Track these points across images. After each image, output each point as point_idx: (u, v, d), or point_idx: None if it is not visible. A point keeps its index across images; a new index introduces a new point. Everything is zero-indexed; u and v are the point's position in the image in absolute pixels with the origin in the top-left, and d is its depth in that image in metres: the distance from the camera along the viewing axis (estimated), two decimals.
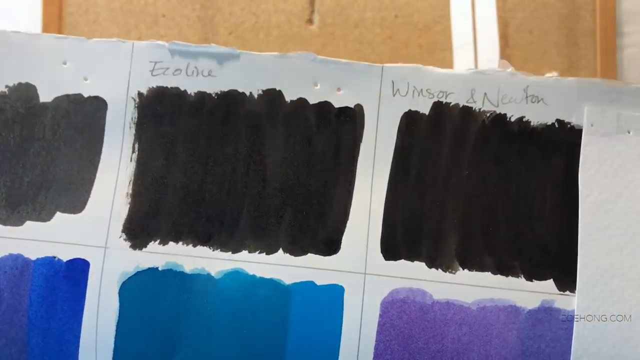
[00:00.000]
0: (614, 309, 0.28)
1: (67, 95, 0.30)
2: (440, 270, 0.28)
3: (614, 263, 0.28)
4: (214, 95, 0.30)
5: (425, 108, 0.29)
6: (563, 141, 0.29)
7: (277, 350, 0.28)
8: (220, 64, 0.29)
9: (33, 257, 0.29)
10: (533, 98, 0.29)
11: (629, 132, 0.29)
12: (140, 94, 0.30)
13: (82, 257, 0.29)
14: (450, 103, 0.29)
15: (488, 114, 0.29)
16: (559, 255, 0.29)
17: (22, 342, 0.29)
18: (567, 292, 0.28)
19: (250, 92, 0.30)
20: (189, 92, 0.30)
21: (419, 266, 0.28)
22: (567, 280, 0.28)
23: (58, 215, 0.29)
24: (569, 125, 0.29)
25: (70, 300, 0.28)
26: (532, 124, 0.29)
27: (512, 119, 0.29)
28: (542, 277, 0.28)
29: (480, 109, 0.29)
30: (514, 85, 0.29)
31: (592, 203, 0.29)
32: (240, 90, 0.30)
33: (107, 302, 0.28)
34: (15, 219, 0.29)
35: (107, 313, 0.28)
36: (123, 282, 0.28)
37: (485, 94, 0.29)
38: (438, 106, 0.29)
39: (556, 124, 0.29)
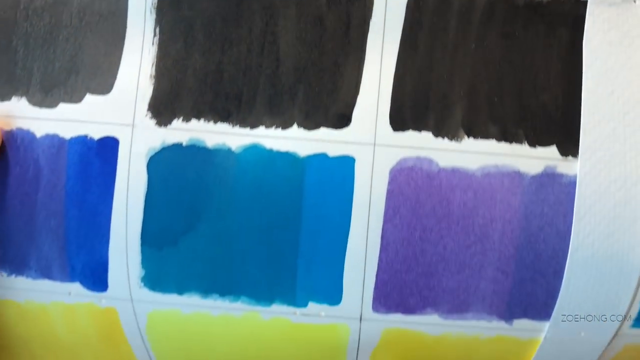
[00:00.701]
0: (615, 172, 0.29)
1: None
2: (446, 139, 0.30)
3: (616, 128, 0.30)
4: None
5: None
6: (569, 14, 0.30)
7: (293, 218, 0.31)
8: None
9: (67, 137, 0.31)
10: None
11: (634, 1, 0.30)
12: None
13: (112, 135, 0.31)
14: None
15: None
16: (563, 122, 0.30)
17: (61, 214, 0.32)
18: (570, 157, 0.30)
19: None
20: None
21: (426, 136, 0.30)
22: (569, 146, 0.30)
23: (88, 96, 0.32)
24: None
25: (103, 175, 0.31)
26: None
27: None
28: (545, 144, 0.30)
29: None
30: None
31: (596, 71, 0.30)
32: None
33: (136, 176, 0.31)
34: (49, 101, 0.32)
35: (136, 186, 0.31)
36: (150, 157, 0.31)
37: None
38: None
39: None
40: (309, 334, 0.33)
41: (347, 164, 0.31)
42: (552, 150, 0.30)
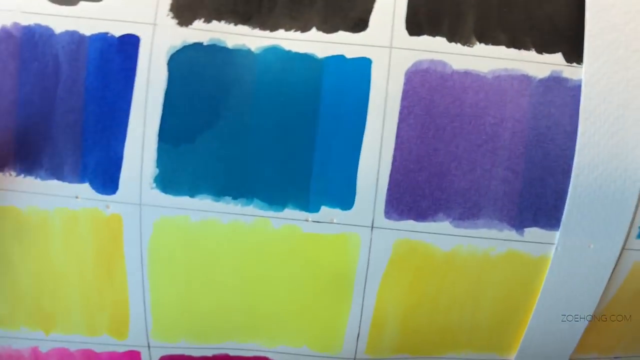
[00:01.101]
0: (618, 76, 0.32)
1: None
2: (459, 44, 0.32)
3: (619, 37, 0.32)
4: None
5: None
6: None
7: (310, 118, 0.32)
8: None
9: (88, 34, 0.33)
10: None
11: None
12: None
13: (133, 32, 0.33)
14: None
15: None
16: (568, 33, 0.33)
17: (80, 109, 0.33)
18: (574, 64, 0.32)
19: None
20: None
21: (440, 41, 0.32)
22: (573, 54, 0.32)
23: None
24: None
25: (123, 71, 0.32)
26: None
27: None
28: (551, 51, 0.32)
29: None
30: None
31: None
32: None
33: (157, 72, 0.32)
34: None
35: (156, 83, 0.32)
36: (171, 54, 0.32)
37: None
38: None
39: None
40: (319, 245, 0.34)
41: (364, 65, 0.32)
42: (557, 57, 0.32)
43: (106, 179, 0.33)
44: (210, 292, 0.35)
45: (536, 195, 0.32)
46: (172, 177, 0.33)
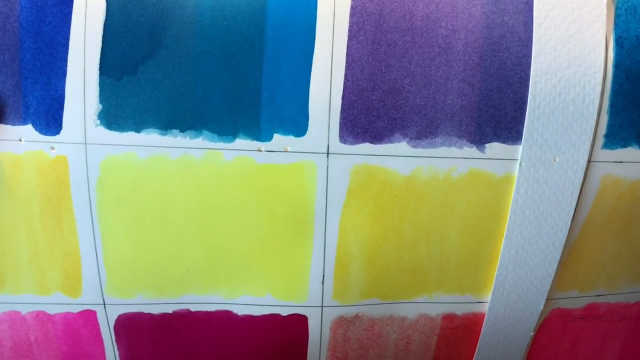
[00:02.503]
0: None
1: None
2: None
3: None
4: None
5: None
6: None
7: (256, 40, 0.33)
8: None
9: None
10: None
11: None
12: None
13: None
14: None
15: None
16: None
17: (15, 47, 0.33)
18: None
19: None
20: None
21: None
22: None
23: None
24: None
25: (59, 4, 0.33)
26: None
27: None
28: None
29: None
30: None
31: None
32: None
33: (94, 3, 0.32)
34: None
35: (94, 13, 0.33)
36: None
37: None
38: None
39: None
40: (275, 176, 0.34)
41: None
42: None
43: (49, 118, 0.33)
44: (163, 236, 0.35)
45: (495, 107, 0.32)
46: (116, 113, 0.33)
